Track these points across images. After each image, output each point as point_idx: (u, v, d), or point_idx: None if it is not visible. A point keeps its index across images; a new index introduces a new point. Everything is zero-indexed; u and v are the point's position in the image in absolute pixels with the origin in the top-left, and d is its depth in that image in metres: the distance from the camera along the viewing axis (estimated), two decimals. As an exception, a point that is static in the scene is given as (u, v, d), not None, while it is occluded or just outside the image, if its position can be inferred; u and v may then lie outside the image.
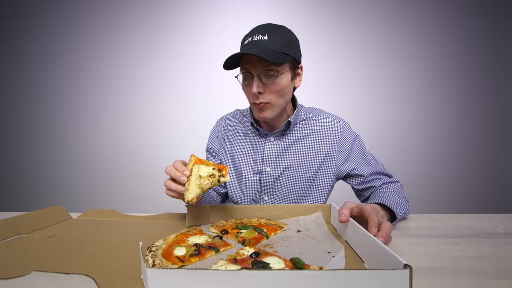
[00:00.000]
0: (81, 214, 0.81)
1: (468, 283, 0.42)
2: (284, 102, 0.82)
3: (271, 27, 0.77)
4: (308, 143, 0.90)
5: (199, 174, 0.61)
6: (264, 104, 0.79)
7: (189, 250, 0.47)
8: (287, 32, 0.78)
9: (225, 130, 1.00)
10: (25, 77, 2.37)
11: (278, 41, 0.74)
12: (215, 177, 0.60)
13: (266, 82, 0.76)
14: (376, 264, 0.40)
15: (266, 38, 0.73)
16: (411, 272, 0.29)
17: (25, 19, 2.34)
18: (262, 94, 0.77)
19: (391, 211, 0.71)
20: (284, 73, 0.77)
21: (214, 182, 0.60)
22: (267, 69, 0.74)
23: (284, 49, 0.74)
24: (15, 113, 2.41)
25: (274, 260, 0.43)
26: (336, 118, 0.93)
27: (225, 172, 0.61)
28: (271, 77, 0.75)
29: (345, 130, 0.90)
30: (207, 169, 0.61)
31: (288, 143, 0.90)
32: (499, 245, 0.58)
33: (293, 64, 0.80)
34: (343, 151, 0.88)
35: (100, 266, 0.45)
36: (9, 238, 0.60)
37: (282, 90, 0.78)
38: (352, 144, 0.89)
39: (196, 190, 0.60)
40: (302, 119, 0.92)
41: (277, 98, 0.79)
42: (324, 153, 0.89)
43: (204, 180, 0.60)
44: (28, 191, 2.43)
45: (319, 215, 0.68)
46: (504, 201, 2.15)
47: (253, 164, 0.92)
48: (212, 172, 0.60)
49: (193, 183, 0.61)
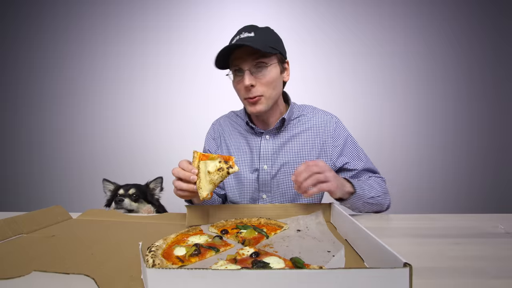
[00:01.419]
0: (81, 214, 0.81)
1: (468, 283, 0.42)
2: (276, 95, 0.85)
3: (257, 26, 0.82)
4: (303, 139, 0.92)
5: (207, 170, 0.62)
6: (258, 98, 0.81)
7: (189, 250, 0.47)
8: (271, 31, 0.84)
9: (221, 131, 1.02)
10: (25, 78, 2.37)
11: (264, 37, 0.79)
12: (224, 170, 0.61)
13: (256, 75, 0.79)
14: (376, 263, 0.40)
15: (253, 35, 0.78)
16: (411, 270, 0.29)
17: (25, 19, 2.34)
18: (254, 87, 0.80)
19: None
20: (272, 64, 0.80)
21: (224, 174, 0.61)
22: (257, 62, 0.78)
23: (271, 43, 0.79)
24: (15, 113, 2.41)
25: (274, 260, 0.43)
26: (329, 114, 0.96)
27: (232, 163, 0.62)
28: (261, 69, 0.79)
29: (339, 126, 0.94)
30: (213, 164, 0.62)
31: (283, 140, 0.92)
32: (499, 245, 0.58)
33: (281, 58, 0.84)
34: (337, 146, 0.91)
35: (100, 266, 0.45)
36: (9, 238, 0.60)
37: (273, 82, 0.82)
38: (346, 139, 0.92)
39: (209, 186, 0.61)
40: (296, 116, 0.95)
41: (269, 90, 0.82)
42: (318, 148, 0.91)
43: (213, 175, 0.61)
44: (28, 191, 2.43)
45: (319, 214, 0.68)
46: (504, 201, 2.15)
47: (250, 162, 0.93)
48: (219, 166, 0.61)
49: (204, 180, 0.62)
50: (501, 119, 2.14)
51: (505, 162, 2.15)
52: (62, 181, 2.39)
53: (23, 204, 2.43)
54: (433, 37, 2.12)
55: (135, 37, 2.26)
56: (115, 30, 2.27)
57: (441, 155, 2.16)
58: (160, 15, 2.23)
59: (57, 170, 2.38)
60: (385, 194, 0.84)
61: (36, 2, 2.32)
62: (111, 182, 1.19)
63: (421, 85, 2.15)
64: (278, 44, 0.83)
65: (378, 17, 2.13)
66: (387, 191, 0.86)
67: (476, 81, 2.13)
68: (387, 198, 0.85)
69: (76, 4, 2.29)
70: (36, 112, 2.38)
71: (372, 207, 0.81)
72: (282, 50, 0.84)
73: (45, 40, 2.33)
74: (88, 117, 2.34)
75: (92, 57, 2.31)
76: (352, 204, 0.77)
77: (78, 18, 2.29)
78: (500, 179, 2.16)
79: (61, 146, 2.37)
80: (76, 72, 2.32)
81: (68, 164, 2.37)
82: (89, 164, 2.35)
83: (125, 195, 1.10)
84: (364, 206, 0.79)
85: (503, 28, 2.10)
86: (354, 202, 0.76)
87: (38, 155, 2.40)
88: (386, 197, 0.85)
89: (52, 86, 2.35)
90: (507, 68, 2.11)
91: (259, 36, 0.77)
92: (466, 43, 2.11)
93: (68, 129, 2.36)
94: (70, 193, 2.38)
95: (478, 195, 2.16)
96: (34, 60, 2.35)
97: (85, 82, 2.32)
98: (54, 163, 2.38)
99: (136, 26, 2.25)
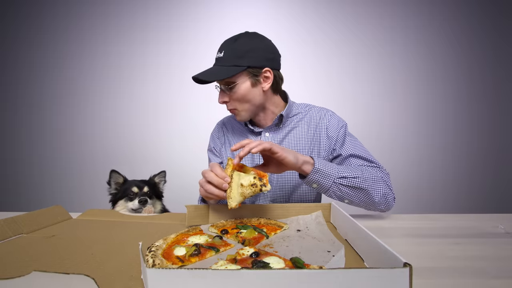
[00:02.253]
0: (81, 214, 0.81)
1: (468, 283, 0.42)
2: (252, 105, 0.89)
3: (228, 42, 0.85)
4: (299, 132, 0.95)
5: (240, 182, 0.62)
6: (233, 110, 0.90)
7: (189, 250, 0.47)
8: (243, 42, 0.84)
9: (225, 130, 1.07)
10: (25, 78, 2.37)
11: (231, 54, 0.83)
12: (257, 186, 0.61)
13: (228, 92, 0.86)
14: (376, 262, 0.40)
15: (222, 55, 0.83)
16: (411, 270, 0.29)
17: (25, 19, 2.34)
18: (228, 102, 0.88)
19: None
20: (239, 82, 0.84)
21: (256, 191, 0.61)
22: (224, 82, 0.84)
23: (236, 61, 0.82)
24: (15, 113, 2.41)
25: (274, 260, 0.43)
26: (324, 109, 1.00)
27: (266, 180, 0.62)
28: (230, 88, 0.85)
29: (333, 118, 0.96)
30: (248, 178, 0.62)
31: (281, 137, 0.95)
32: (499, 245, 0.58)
33: (252, 71, 0.84)
34: (331, 137, 0.92)
35: (100, 266, 0.45)
36: (9, 238, 0.60)
37: (244, 97, 0.86)
38: (339, 130, 0.93)
39: (239, 198, 0.62)
40: (294, 114, 0.98)
41: (241, 104, 0.87)
42: (314, 140, 0.94)
43: (246, 189, 0.61)
44: (28, 191, 2.43)
45: (319, 214, 0.68)
46: (504, 201, 2.15)
47: (250, 159, 0.97)
48: (253, 182, 0.61)
49: (235, 191, 0.62)
50: (501, 119, 2.14)
51: (505, 162, 2.15)
52: (62, 181, 2.39)
53: (23, 204, 2.43)
54: (433, 37, 2.12)
55: (135, 37, 2.26)
56: (115, 30, 2.27)
57: (441, 155, 2.16)
58: (160, 15, 2.23)
59: (57, 170, 2.38)
60: (376, 182, 0.76)
61: (36, 2, 2.32)
62: (120, 174, 1.16)
63: (421, 85, 2.15)
64: (249, 57, 0.82)
65: (378, 17, 2.13)
66: (382, 181, 0.77)
67: (476, 81, 2.13)
68: (379, 189, 0.76)
69: (76, 4, 2.29)
70: (36, 112, 2.38)
71: (357, 195, 0.75)
72: (254, 61, 0.83)
73: (45, 40, 2.33)
74: (88, 117, 2.34)
75: (92, 57, 2.31)
76: (322, 184, 0.72)
77: (78, 18, 2.29)
78: (500, 179, 2.16)
79: (61, 146, 2.37)
80: (76, 72, 2.32)
81: (68, 164, 2.37)
82: (89, 164, 2.35)
83: (141, 193, 1.09)
84: (341, 189, 0.73)
85: (503, 28, 2.10)
86: (322, 182, 0.72)
87: (38, 155, 2.40)
88: (379, 188, 0.76)
89: (52, 86, 2.35)
90: (507, 68, 2.11)
91: (226, 55, 0.82)
92: (466, 43, 2.11)
93: (68, 129, 2.36)
94: (70, 193, 2.38)
95: (478, 195, 2.16)
96: (34, 60, 2.35)
97: (85, 82, 2.32)
98: (54, 163, 2.38)
99: (136, 26, 2.25)
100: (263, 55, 0.85)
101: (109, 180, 1.15)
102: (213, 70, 0.84)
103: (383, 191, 0.76)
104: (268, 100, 0.92)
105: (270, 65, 0.86)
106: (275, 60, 0.88)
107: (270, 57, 0.86)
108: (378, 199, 0.76)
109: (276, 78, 0.90)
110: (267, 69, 0.85)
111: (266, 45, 0.87)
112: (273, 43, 0.90)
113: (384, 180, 0.79)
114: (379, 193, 0.76)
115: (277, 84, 0.92)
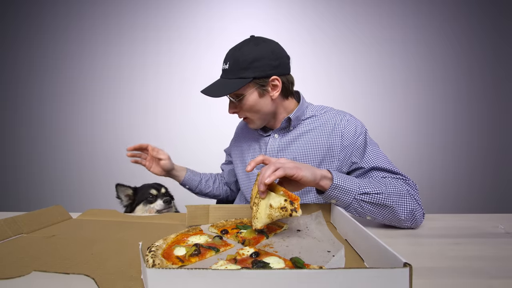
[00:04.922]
0: (81, 214, 0.81)
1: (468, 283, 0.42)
2: (263, 115, 0.88)
3: (232, 52, 0.84)
4: (310, 138, 0.89)
5: (269, 203, 0.57)
6: (245, 119, 0.91)
7: (189, 250, 0.47)
8: (247, 51, 0.82)
9: (239, 131, 1.12)
10: (25, 78, 2.37)
11: (236, 66, 0.82)
12: (287, 210, 0.55)
13: (237, 103, 0.87)
14: (376, 262, 0.40)
15: (227, 66, 0.83)
16: (411, 270, 0.29)
17: (25, 19, 2.34)
18: (239, 112, 0.90)
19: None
20: (246, 94, 0.84)
21: (285, 215, 0.55)
22: (232, 94, 0.85)
23: (241, 73, 0.81)
24: (15, 112, 2.40)
25: (274, 260, 0.43)
26: (342, 113, 0.91)
27: (297, 206, 0.55)
28: (238, 99, 0.86)
29: (349, 124, 0.87)
30: (278, 200, 0.57)
31: (290, 139, 0.91)
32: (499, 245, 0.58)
33: (259, 82, 0.83)
34: (346, 147, 0.85)
35: (100, 266, 0.45)
36: (9, 238, 0.60)
37: (253, 108, 0.86)
38: (356, 139, 0.85)
39: (265, 220, 0.57)
40: (308, 117, 0.92)
41: (251, 113, 0.88)
42: (326, 148, 0.87)
43: (274, 211, 0.56)
44: (28, 191, 2.43)
45: (319, 214, 0.68)
46: (504, 201, 2.15)
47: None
48: (284, 205, 0.55)
49: (263, 212, 0.57)
50: (501, 119, 2.14)
51: (505, 162, 2.15)
52: (62, 181, 2.38)
53: (23, 204, 2.43)
54: (433, 37, 2.12)
55: (135, 37, 2.25)
56: (115, 30, 2.27)
57: (441, 155, 2.16)
58: (161, 15, 2.23)
59: (57, 170, 2.38)
60: (402, 198, 0.68)
61: (36, 2, 2.32)
62: (126, 186, 1.09)
63: (421, 84, 2.15)
64: (255, 67, 0.80)
65: (378, 17, 2.13)
66: (409, 196, 0.69)
67: (476, 81, 2.13)
68: (406, 205, 0.68)
69: (76, 4, 2.29)
70: (36, 111, 2.38)
71: (380, 212, 0.67)
72: (260, 71, 0.81)
73: (45, 40, 2.33)
74: (88, 116, 2.34)
75: (92, 57, 2.30)
76: (341, 200, 0.66)
77: (78, 18, 2.29)
78: (500, 179, 2.16)
79: (61, 146, 2.37)
80: (76, 72, 2.32)
81: (68, 164, 2.37)
82: (89, 164, 2.35)
83: (161, 194, 1.07)
84: (363, 206, 0.66)
85: (503, 28, 2.10)
86: (342, 198, 0.65)
87: (38, 155, 2.40)
88: (405, 204, 0.68)
89: (52, 86, 2.35)
90: (507, 68, 2.11)
91: (231, 67, 0.82)
92: (466, 43, 2.11)
93: (68, 128, 2.36)
94: (70, 193, 2.38)
95: (478, 195, 2.16)
96: (34, 59, 2.35)
97: (85, 82, 2.32)
98: (54, 163, 2.38)
99: (137, 26, 2.25)
100: (268, 64, 0.82)
101: (118, 194, 1.09)
102: (219, 84, 0.85)
103: (410, 207, 0.68)
104: (279, 106, 0.91)
105: (277, 73, 0.83)
106: (282, 65, 0.84)
107: (276, 64, 0.83)
108: (405, 216, 0.68)
109: (285, 84, 0.86)
110: (274, 77, 0.83)
111: (272, 51, 0.83)
112: (280, 45, 0.86)
113: (411, 194, 0.71)
114: (406, 209, 0.68)
115: (287, 89, 0.89)
